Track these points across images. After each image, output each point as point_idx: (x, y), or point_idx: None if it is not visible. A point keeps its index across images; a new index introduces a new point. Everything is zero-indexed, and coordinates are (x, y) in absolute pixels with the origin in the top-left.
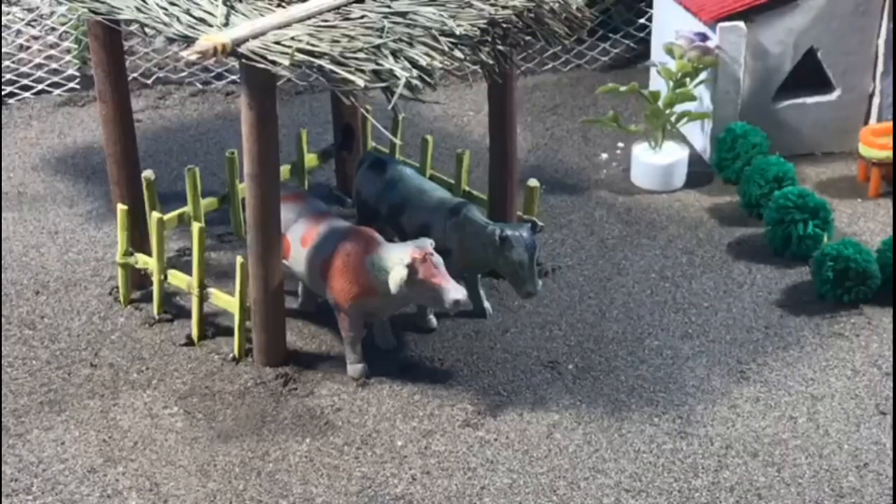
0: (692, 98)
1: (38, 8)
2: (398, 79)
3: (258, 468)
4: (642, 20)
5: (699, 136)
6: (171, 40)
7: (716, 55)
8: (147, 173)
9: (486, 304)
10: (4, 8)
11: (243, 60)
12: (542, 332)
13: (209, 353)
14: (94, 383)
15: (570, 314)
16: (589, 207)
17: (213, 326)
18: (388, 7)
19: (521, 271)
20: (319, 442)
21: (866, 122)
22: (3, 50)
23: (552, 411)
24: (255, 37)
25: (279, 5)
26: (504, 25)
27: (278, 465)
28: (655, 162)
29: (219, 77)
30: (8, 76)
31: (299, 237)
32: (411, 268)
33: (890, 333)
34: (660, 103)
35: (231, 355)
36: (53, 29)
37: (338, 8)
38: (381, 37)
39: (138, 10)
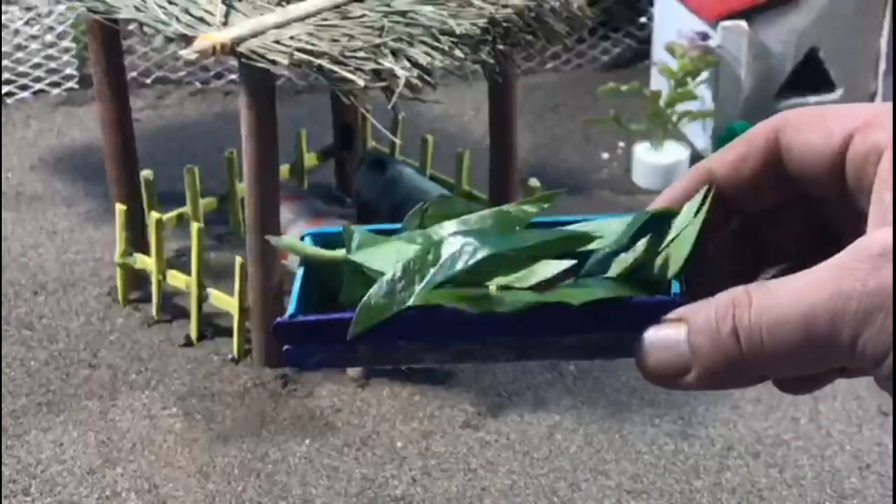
0: (694, 97)
1: (36, 7)
2: (398, 78)
3: (257, 469)
4: (643, 19)
5: (700, 136)
6: (169, 39)
7: (717, 54)
8: (146, 173)
9: None
10: (3, 7)
11: (242, 60)
12: None
13: (208, 353)
14: (93, 384)
15: None
16: (590, 207)
17: (212, 327)
18: (388, 6)
19: None
20: (319, 443)
21: None
22: (2, 49)
23: (553, 412)
24: (254, 36)
25: (279, 4)
26: (505, 24)
27: (278, 467)
28: (657, 161)
29: (218, 76)
30: (6, 76)
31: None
32: None
33: None
34: (661, 103)
35: (230, 356)
36: (52, 28)
37: (337, 7)
38: (380, 36)
39: (137, 8)
